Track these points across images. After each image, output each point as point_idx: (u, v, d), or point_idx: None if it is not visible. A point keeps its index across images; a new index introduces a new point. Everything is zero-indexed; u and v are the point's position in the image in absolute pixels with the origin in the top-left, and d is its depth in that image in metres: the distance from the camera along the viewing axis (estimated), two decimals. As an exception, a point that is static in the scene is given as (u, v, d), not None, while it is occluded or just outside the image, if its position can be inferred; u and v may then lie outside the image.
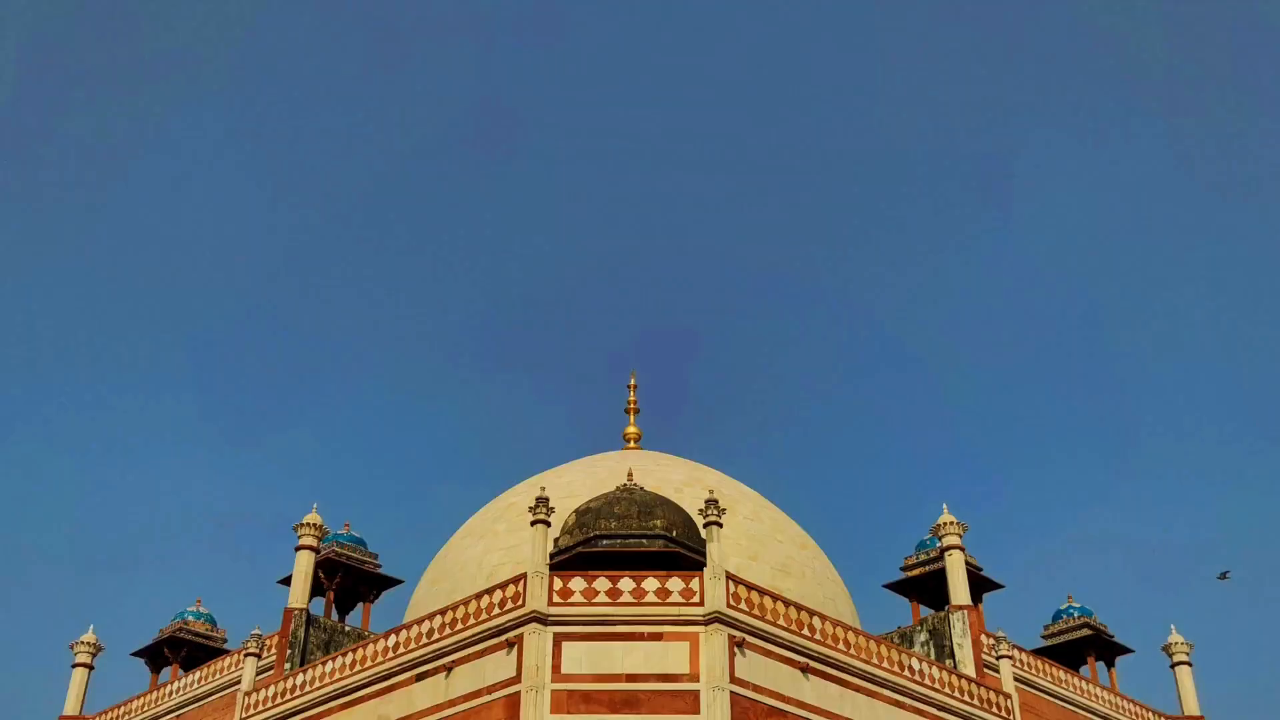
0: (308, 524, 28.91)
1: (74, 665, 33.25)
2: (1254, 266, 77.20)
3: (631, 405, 37.47)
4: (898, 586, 31.30)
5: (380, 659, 23.51)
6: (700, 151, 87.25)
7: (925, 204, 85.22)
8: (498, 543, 30.39)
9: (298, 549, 28.67)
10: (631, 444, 36.39)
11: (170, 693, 30.13)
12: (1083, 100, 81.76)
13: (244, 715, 25.75)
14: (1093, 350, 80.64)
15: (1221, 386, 77.33)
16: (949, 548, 29.38)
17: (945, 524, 29.72)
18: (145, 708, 30.60)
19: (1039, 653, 31.40)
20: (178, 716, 29.43)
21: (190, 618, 33.51)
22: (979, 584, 30.47)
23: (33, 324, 77.40)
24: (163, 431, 79.72)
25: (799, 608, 22.92)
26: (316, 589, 29.74)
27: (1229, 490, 76.72)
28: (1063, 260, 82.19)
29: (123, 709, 31.38)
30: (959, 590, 28.60)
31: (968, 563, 29.53)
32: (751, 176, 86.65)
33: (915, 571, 30.85)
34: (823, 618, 23.32)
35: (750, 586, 22.28)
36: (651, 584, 21.56)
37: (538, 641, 20.92)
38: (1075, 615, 33.81)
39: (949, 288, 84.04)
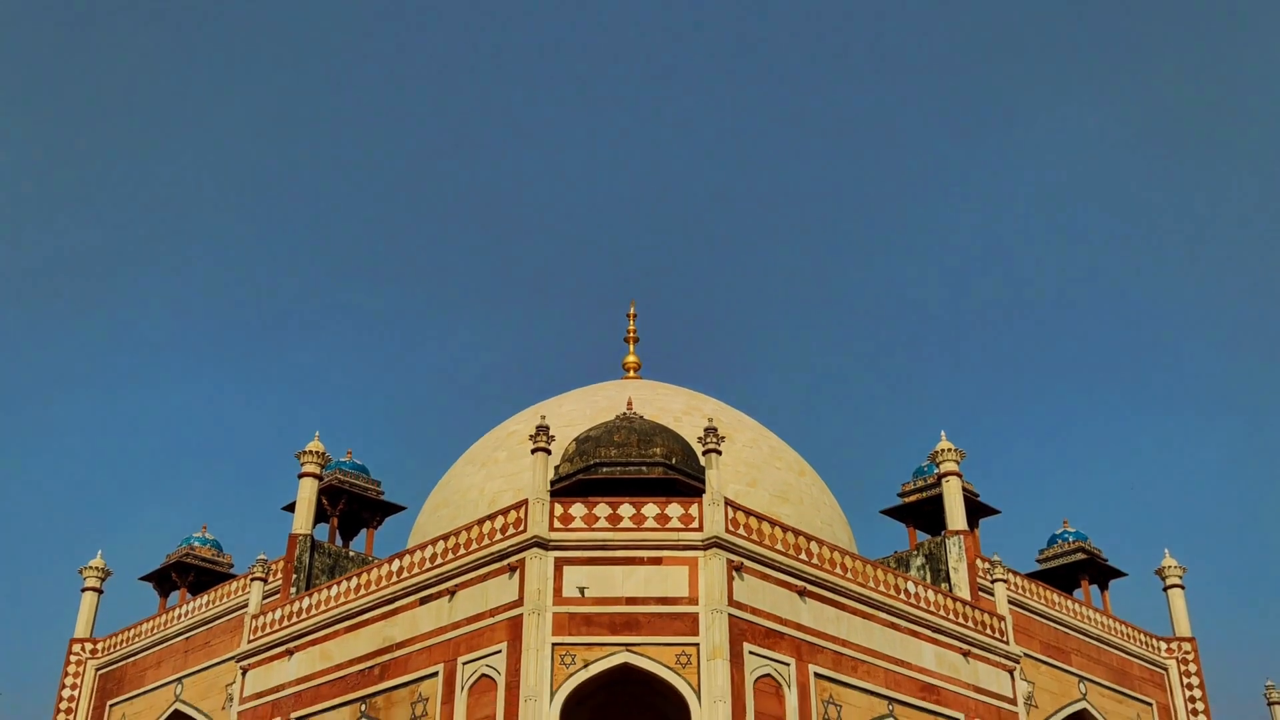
0: (310, 451, 29.20)
1: (83, 589, 33.81)
2: (1260, 188, 76.89)
3: (631, 334, 37.60)
4: (895, 512, 31.67)
5: (384, 583, 23.90)
6: (700, 76, 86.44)
7: (925, 130, 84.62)
8: (499, 470, 30.70)
9: (301, 476, 28.99)
10: (631, 373, 36.58)
11: (178, 616, 30.64)
12: (1089, 27, 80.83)
13: (251, 638, 26.22)
14: (1090, 278, 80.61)
15: (1218, 313, 77.44)
16: (946, 474, 29.67)
17: (943, 450, 29.99)
18: (154, 630, 31.14)
19: (1033, 576, 31.88)
20: (186, 639, 29.95)
21: (196, 543, 33.98)
22: (975, 510, 30.83)
23: (41, 252, 77.36)
24: (166, 359, 79.99)
25: (796, 533, 23.25)
26: (320, 516, 30.13)
27: (1225, 416, 77.13)
28: (1061, 185, 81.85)
29: (132, 632, 31.94)
30: (955, 516, 28.95)
31: (964, 489, 29.85)
32: (751, 103, 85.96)
33: (912, 498, 31.19)
34: (820, 542, 23.66)
35: (748, 512, 22.58)
36: (651, 510, 21.84)
37: (539, 566, 21.25)
38: (1070, 540, 34.26)
39: (947, 214, 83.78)
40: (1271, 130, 76.15)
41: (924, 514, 31.08)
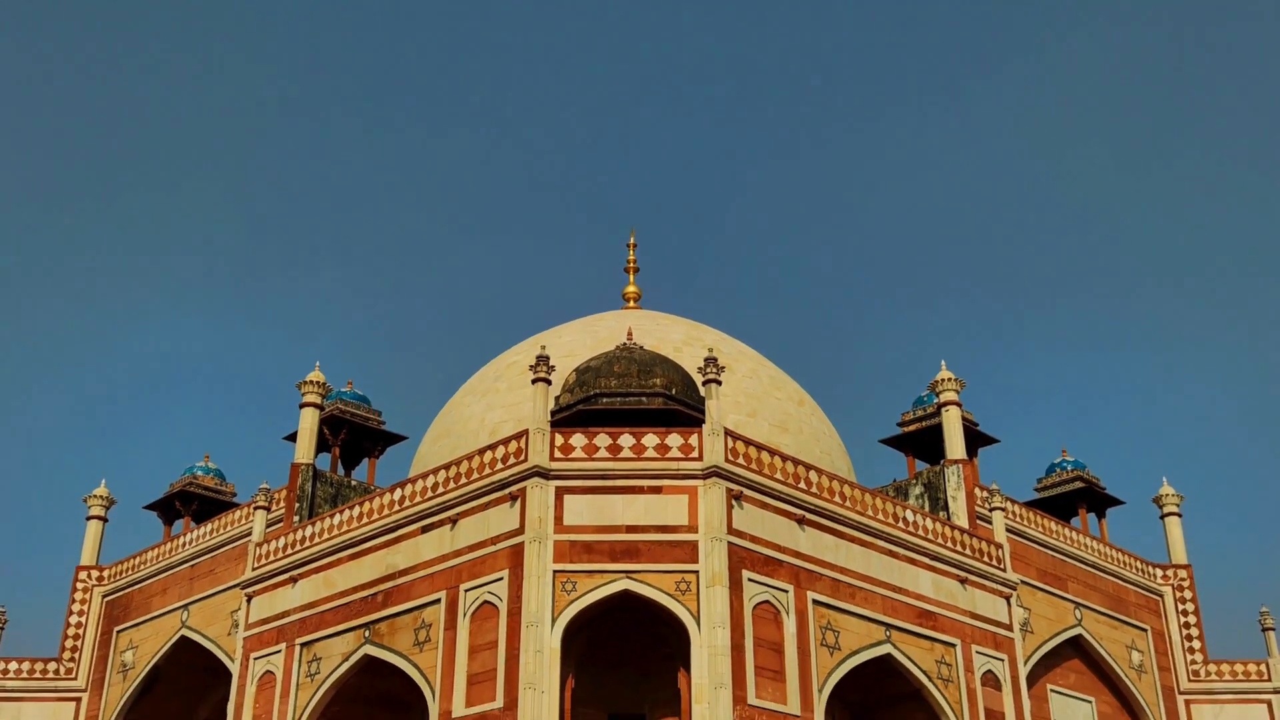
0: (311, 381, 29.27)
1: (88, 518, 34.10)
2: (1262, 118, 76.17)
3: (631, 264, 37.49)
4: (894, 442, 31.80)
5: (387, 511, 24.09)
6: (699, 5, 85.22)
7: (925, 57, 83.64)
8: (499, 400, 30.79)
9: (302, 406, 29.09)
10: (631, 303, 36.53)
11: (183, 544, 30.93)
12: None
13: (255, 566, 26.49)
14: (1089, 208, 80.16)
15: (1219, 242, 77.12)
16: (946, 403, 29.74)
17: (943, 380, 30.03)
18: (159, 558, 31.45)
19: (1031, 505, 32.09)
20: (191, 567, 30.26)
21: (199, 472, 34.20)
22: (974, 439, 30.95)
23: (39, 181, 76.92)
24: (167, 288, 79.93)
25: (795, 462, 23.37)
26: (322, 445, 30.28)
27: (1224, 345, 77.17)
28: (1061, 114, 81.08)
29: (138, 559, 32.26)
30: (954, 445, 29.07)
31: (964, 418, 29.94)
32: (752, 29, 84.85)
33: (912, 427, 31.29)
34: (819, 471, 23.79)
35: (748, 442, 22.68)
36: (651, 440, 21.94)
37: (540, 495, 21.40)
38: (1068, 469, 34.45)
39: (948, 144, 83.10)
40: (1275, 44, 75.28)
41: (923, 443, 31.21)
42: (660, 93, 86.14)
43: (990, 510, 27.87)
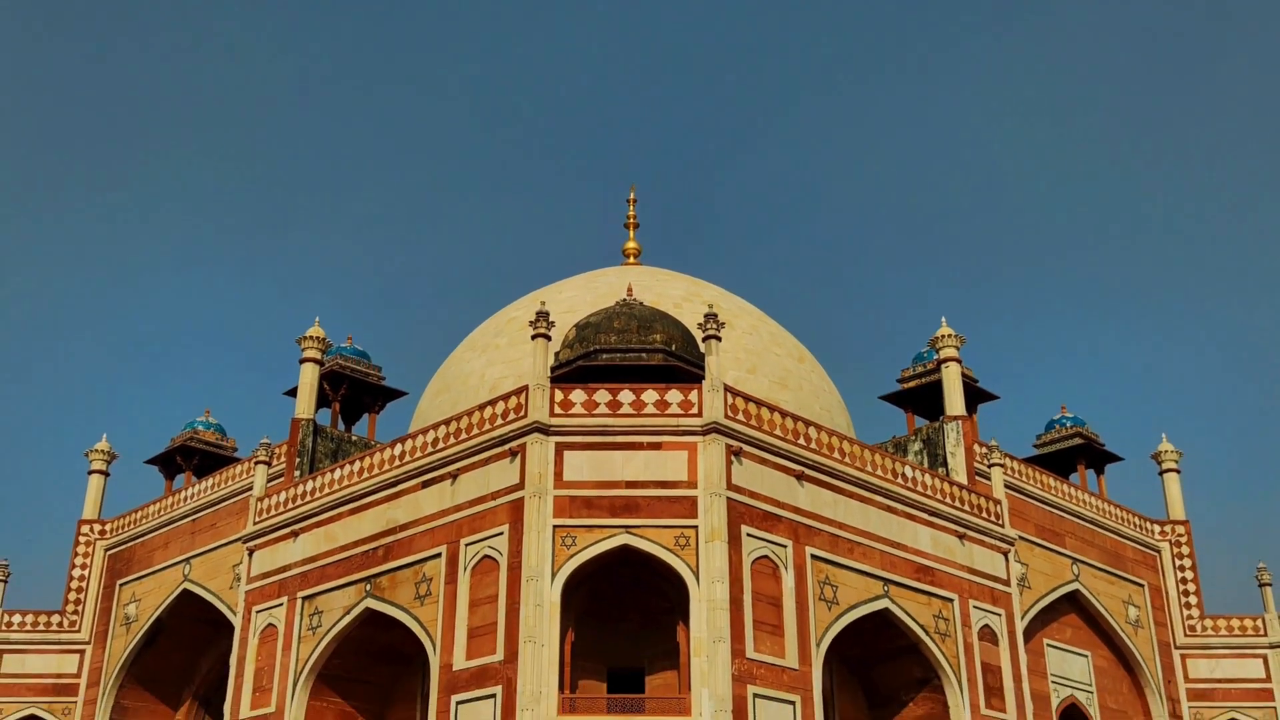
0: (311, 337, 29.24)
1: (90, 472, 34.22)
2: (1260, 75, 75.64)
3: (631, 220, 37.34)
4: (894, 398, 31.81)
5: (387, 466, 24.15)
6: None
7: (929, 16, 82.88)
8: (499, 356, 30.78)
9: (302, 361, 29.08)
10: (631, 259, 36.42)
11: (185, 498, 31.04)
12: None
13: (257, 520, 26.59)
14: (1091, 163, 79.78)
15: (1218, 201, 76.80)
16: (946, 360, 29.73)
17: (943, 336, 30.00)
18: (161, 512, 31.57)
19: (1030, 461, 32.17)
20: (193, 521, 30.38)
21: (200, 427, 34.26)
22: (974, 395, 30.97)
23: (44, 134, 76.55)
24: (168, 243, 79.74)
25: (795, 418, 23.40)
26: (322, 401, 30.29)
27: (1225, 303, 77.05)
28: (1062, 71, 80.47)
29: (139, 514, 32.39)
30: (954, 401, 29.09)
31: (964, 374, 29.93)
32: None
33: (912, 383, 31.28)
34: (818, 427, 23.82)
35: (747, 398, 22.69)
36: (651, 396, 21.95)
37: (540, 450, 21.44)
38: (1068, 425, 34.50)
39: (950, 100, 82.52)
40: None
41: (923, 400, 31.22)
42: (661, 48, 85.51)
43: (989, 466, 27.94)
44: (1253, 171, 75.55)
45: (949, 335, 29.93)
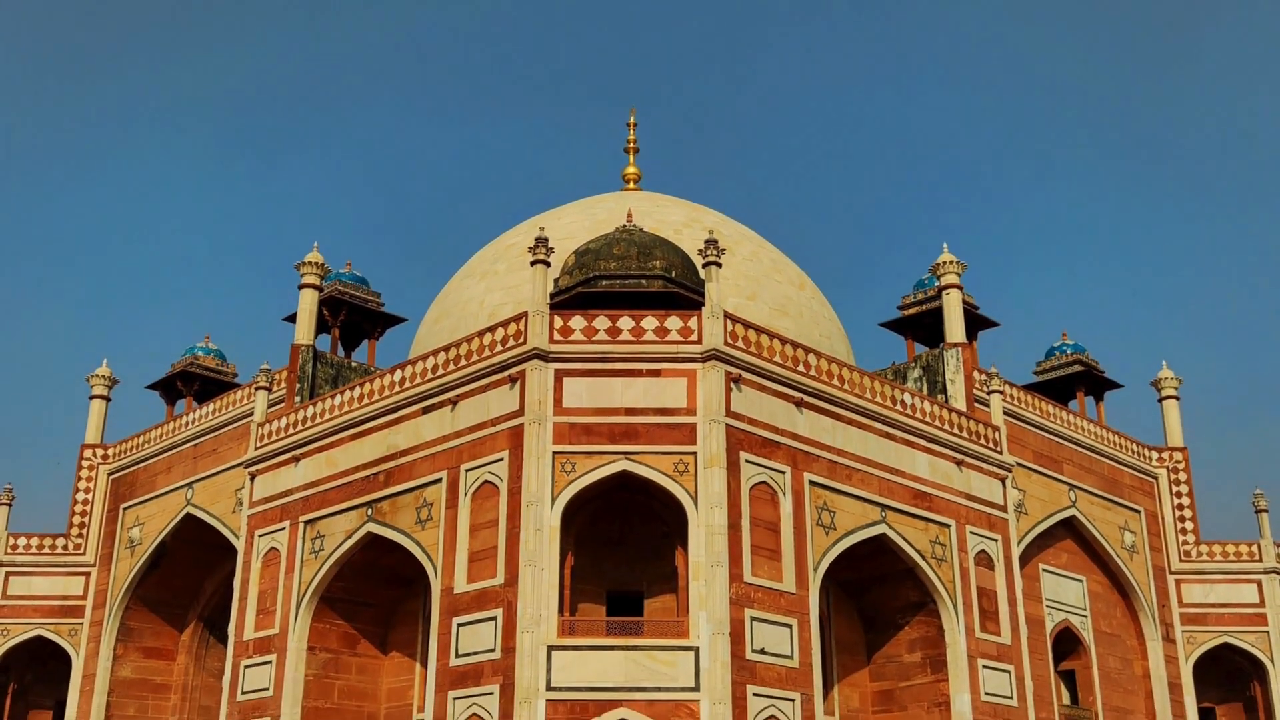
0: (309, 262, 29.11)
1: (91, 397, 34.33)
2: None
3: (631, 144, 36.94)
4: (894, 325, 31.73)
5: (388, 392, 24.19)
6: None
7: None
8: (498, 283, 30.66)
9: (301, 287, 28.98)
10: (630, 185, 36.12)
11: (186, 423, 31.14)
12: None
13: (258, 445, 26.70)
14: (1088, 93, 78.87)
15: (1219, 126, 76.03)
16: (947, 286, 29.60)
17: (944, 263, 29.84)
18: (163, 437, 31.70)
19: (1030, 388, 32.19)
20: (195, 445, 30.52)
21: (200, 353, 34.25)
22: (974, 322, 30.87)
23: (41, 52, 75.66)
24: (165, 168, 79.15)
25: (794, 345, 23.37)
26: (321, 327, 30.23)
27: (1226, 229, 76.65)
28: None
29: (142, 438, 32.52)
30: (955, 328, 29.01)
31: (964, 301, 29.83)
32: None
33: (912, 310, 31.17)
34: (818, 354, 23.81)
35: (747, 325, 22.65)
36: (650, 323, 21.91)
37: (539, 377, 21.45)
38: (1068, 352, 34.46)
39: (949, 24, 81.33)
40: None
41: (923, 327, 31.15)
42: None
43: (988, 393, 27.97)
44: (1254, 99, 74.71)
45: (950, 262, 29.78)
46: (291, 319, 29.44)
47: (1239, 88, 76.11)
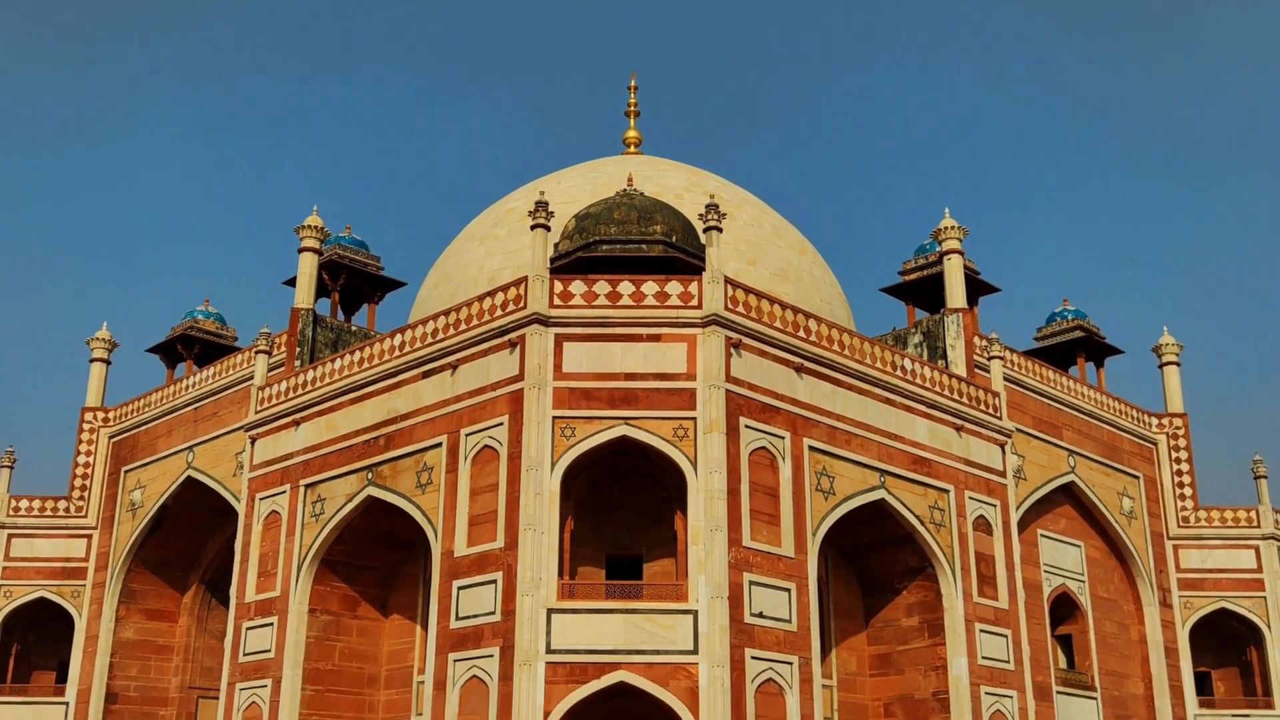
0: (309, 226, 29.04)
1: (91, 360, 34.34)
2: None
3: (632, 108, 36.72)
4: (895, 291, 31.68)
5: (388, 356, 24.19)
6: None
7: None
8: (498, 247, 30.57)
9: (300, 251, 28.92)
10: (631, 149, 35.94)
11: (187, 387, 31.16)
12: None
13: (258, 409, 26.73)
14: (1091, 57, 78.32)
15: (1221, 90, 75.57)
16: (948, 252, 29.53)
17: (946, 228, 29.75)
18: (164, 400, 31.73)
19: (1031, 354, 32.18)
20: (195, 409, 30.55)
21: (200, 316, 34.24)
22: (975, 288, 30.83)
23: (42, 18, 75.16)
24: (167, 131, 78.80)
25: (795, 310, 23.34)
26: (322, 291, 30.19)
27: (1227, 193, 76.36)
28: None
29: (142, 401, 32.55)
30: (955, 293, 28.96)
31: (965, 266, 29.76)
32: None
33: (913, 276, 31.12)
34: (818, 320, 23.78)
35: (748, 290, 22.61)
36: (651, 287, 21.87)
37: (539, 341, 21.44)
38: (1069, 318, 34.41)
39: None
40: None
41: (924, 292, 31.11)
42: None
43: (988, 359, 27.96)
44: (1257, 60, 74.21)
45: (952, 227, 29.68)
46: (291, 283, 29.40)
47: (1241, 53, 75.64)
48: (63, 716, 30.83)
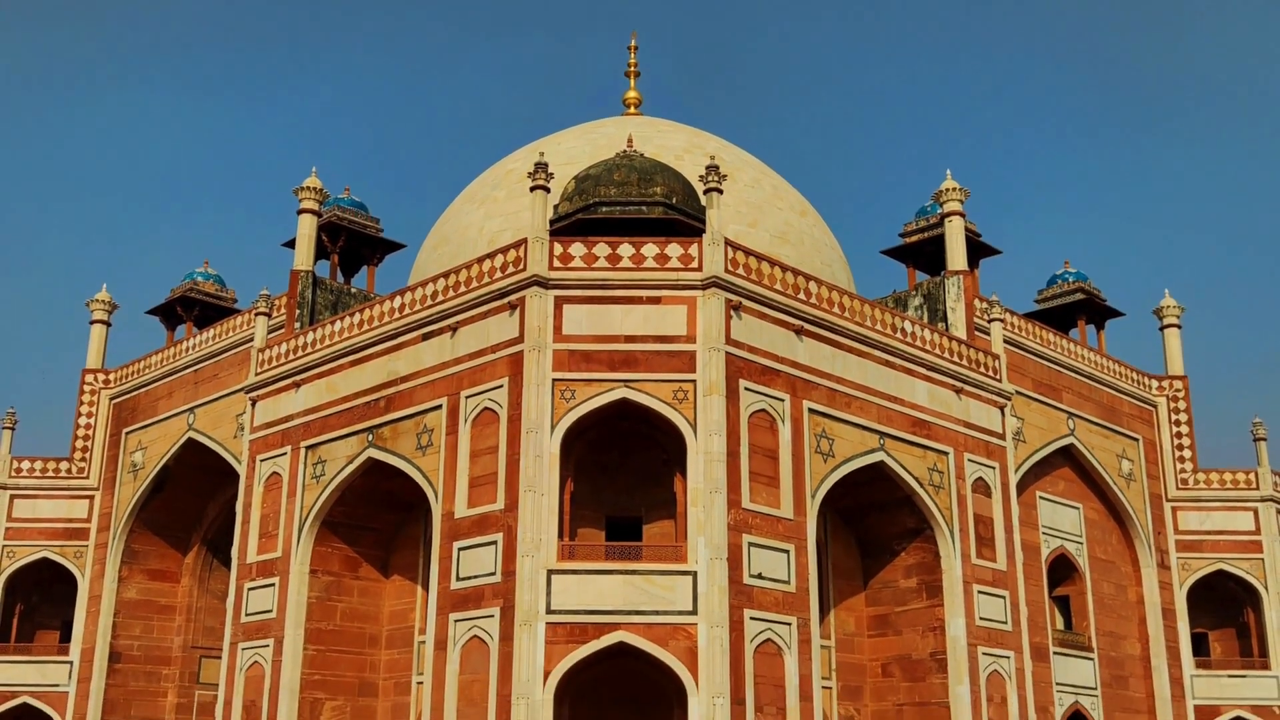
0: (308, 188, 28.93)
1: (91, 322, 34.32)
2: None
3: (632, 68, 36.45)
4: (895, 253, 31.61)
5: (387, 319, 24.16)
6: None
7: None
8: (497, 209, 30.46)
9: (299, 213, 28.83)
10: (631, 109, 35.72)
11: (187, 349, 31.16)
12: None
13: (258, 370, 26.74)
14: (1093, 18, 77.70)
15: (1223, 51, 75.04)
16: (949, 214, 29.42)
17: (947, 190, 29.63)
18: (164, 362, 31.74)
19: (1031, 316, 32.13)
20: (196, 371, 30.56)
21: (199, 278, 34.19)
22: (977, 250, 30.76)
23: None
24: (163, 93, 78.36)
25: (795, 272, 23.29)
26: (321, 253, 30.13)
27: (1228, 156, 75.97)
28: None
29: (143, 363, 32.57)
30: (956, 256, 28.89)
31: (967, 229, 29.66)
32: None
33: (914, 238, 31.04)
34: (818, 282, 23.73)
35: (748, 252, 22.55)
36: (651, 250, 21.80)
37: (539, 304, 21.40)
38: (1070, 280, 34.34)
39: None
40: None
41: (925, 254, 31.04)
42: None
43: (989, 322, 27.92)
44: (1257, 16, 73.61)
45: (953, 189, 29.56)
46: (291, 244, 29.34)
47: (1244, 14, 74.99)
48: (67, 675, 31.10)
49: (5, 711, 31.18)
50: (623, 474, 23.10)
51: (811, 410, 22.63)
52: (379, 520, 25.36)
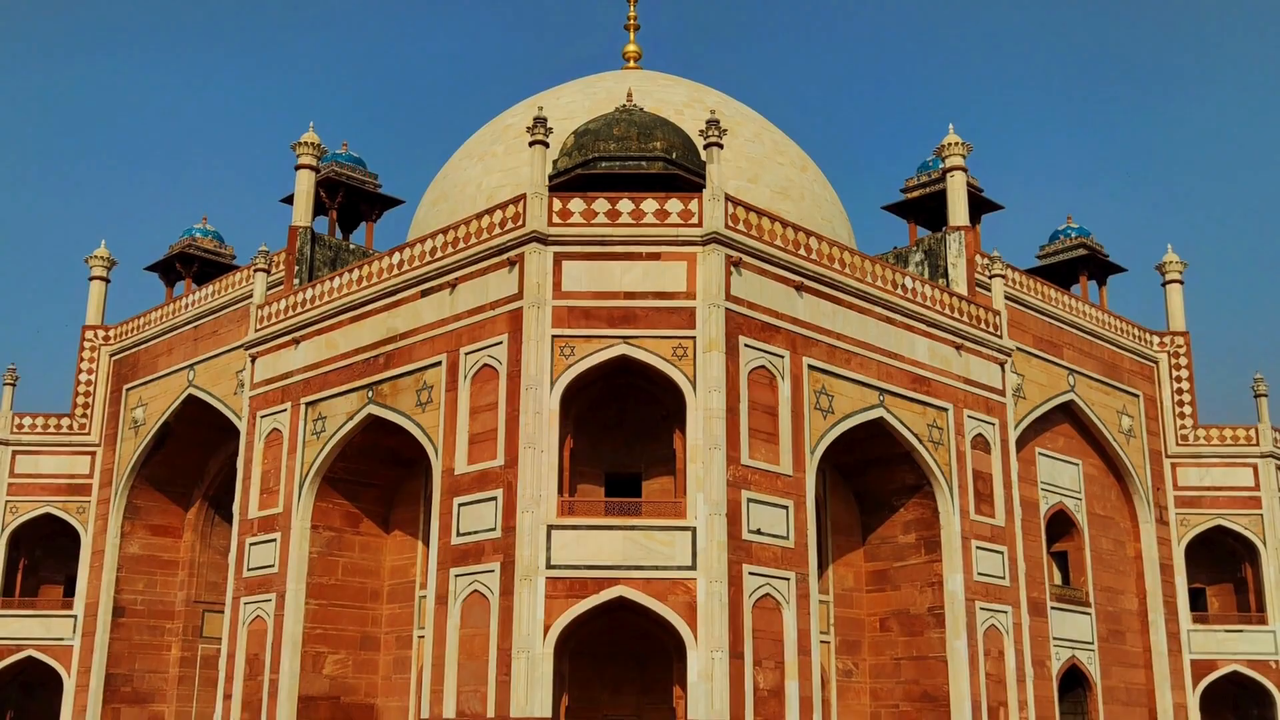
0: (305, 143, 28.75)
1: (91, 278, 34.27)
2: None
3: (631, 21, 36.11)
4: (897, 209, 31.46)
5: (386, 275, 24.09)
6: None
7: None
8: (496, 164, 30.29)
9: (297, 168, 28.68)
10: (631, 63, 35.42)
11: (186, 305, 31.13)
12: None
13: (258, 327, 26.71)
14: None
15: (1227, 7, 74.32)
16: (951, 169, 29.24)
17: (949, 144, 29.42)
18: (164, 319, 31.72)
19: (1033, 272, 32.03)
20: (195, 327, 30.55)
21: (198, 234, 34.09)
22: (978, 205, 30.60)
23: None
24: (163, 49, 77.78)
25: (796, 228, 23.18)
26: (319, 209, 30.00)
27: (1232, 111, 75.44)
28: None
29: (142, 320, 32.55)
30: (958, 211, 28.74)
31: (968, 184, 29.49)
32: None
33: (915, 193, 30.88)
34: (819, 238, 23.63)
35: (748, 208, 22.43)
36: (650, 205, 21.68)
37: (538, 260, 21.32)
38: (1072, 235, 34.19)
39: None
40: None
41: (926, 210, 30.89)
42: None
43: (990, 277, 27.83)
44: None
45: (955, 143, 29.35)
46: (289, 200, 29.21)
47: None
48: (71, 629, 31.35)
49: (10, 664, 31.47)
50: (622, 430, 23.12)
51: (811, 366, 22.60)
52: (379, 476, 25.43)
